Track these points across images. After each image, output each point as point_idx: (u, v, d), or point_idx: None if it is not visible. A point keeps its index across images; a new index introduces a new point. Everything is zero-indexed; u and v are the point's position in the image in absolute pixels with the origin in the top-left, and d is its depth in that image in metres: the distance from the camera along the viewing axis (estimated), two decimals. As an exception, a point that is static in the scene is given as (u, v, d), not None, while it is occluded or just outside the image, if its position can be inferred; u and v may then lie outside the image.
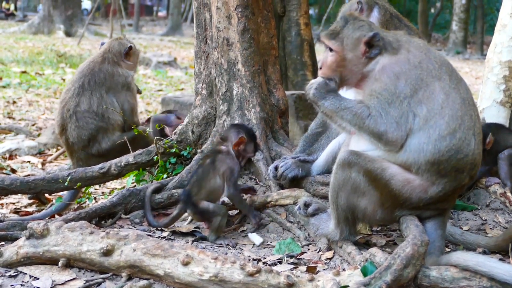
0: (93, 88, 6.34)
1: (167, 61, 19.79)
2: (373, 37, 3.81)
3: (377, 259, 3.66)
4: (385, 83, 3.70)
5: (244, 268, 3.50)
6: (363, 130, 3.72)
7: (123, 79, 6.50)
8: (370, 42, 3.82)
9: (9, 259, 3.92)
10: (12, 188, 5.22)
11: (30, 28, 30.44)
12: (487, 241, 4.13)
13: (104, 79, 6.40)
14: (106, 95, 6.34)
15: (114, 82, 6.43)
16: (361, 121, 3.70)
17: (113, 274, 3.77)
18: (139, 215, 4.89)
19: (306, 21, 8.96)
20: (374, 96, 3.70)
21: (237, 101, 5.24)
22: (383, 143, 3.70)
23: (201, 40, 5.51)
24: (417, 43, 3.91)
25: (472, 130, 3.73)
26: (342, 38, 3.88)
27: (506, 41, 5.43)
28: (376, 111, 3.67)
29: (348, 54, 3.86)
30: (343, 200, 3.86)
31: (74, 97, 6.33)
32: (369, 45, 3.82)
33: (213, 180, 4.54)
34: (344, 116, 3.75)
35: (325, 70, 3.93)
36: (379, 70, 3.77)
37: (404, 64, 3.75)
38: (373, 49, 3.82)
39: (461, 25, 34.08)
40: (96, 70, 6.43)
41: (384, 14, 5.01)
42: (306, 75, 8.93)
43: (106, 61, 6.52)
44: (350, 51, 3.85)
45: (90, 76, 6.40)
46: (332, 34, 3.92)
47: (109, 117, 6.32)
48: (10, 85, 14.23)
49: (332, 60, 3.90)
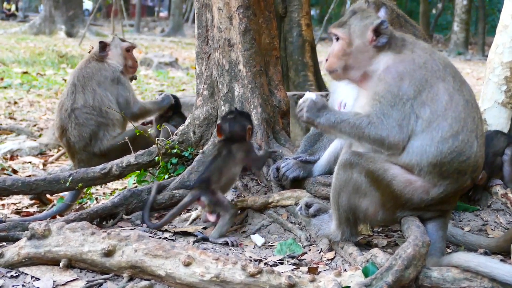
0: (83, 83, 6.40)
1: (168, 61, 19.79)
2: (380, 24, 3.80)
3: (378, 260, 3.66)
4: (389, 84, 3.69)
5: (245, 268, 3.50)
6: (364, 139, 3.71)
7: (110, 73, 6.52)
8: (378, 29, 3.80)
9: (10, 259, 3.92)
10: (13, 188, 5.22)
11: (32, 28, 30.45)
12: (488, 242, 4.13)
13: (92, 73, 6.46)
14: (99, 88, 6.38)
15: (102, 76, 6.48)
16: (360, 131, 3.69)
17: (115, 274, 3.77)
18: (140, 216, 4.89)
19: (308, 22, 8.98)
20: (377, 101, 3.69)
21: (239, 101, 5.24)
22: (386, 148, 3.70)
23: (202, 41, 5.51)
24: (422, 44, 3.91)
25: (475, 133, 3.72)
26: (349, 25, 3.87)
27: (508, 42, 5.43)
28: (377, 117, 3.66)
29: (355, 41, 3.84)
30: (345, 200, 3.86)
31: (69, 96, 6.39)
32: (377, 33, 3.81)
33: (233, 168, 4.65)
34: (342, 129, 3.74)
35: (331, 59, 3.91)
36: (384, 70, 3.75)
37: (409, 64, 3.74)
38: (380, 37, 3.81)
39: (463, 26, 34.08)
40: (83, 67, 6.54)
41: (390, 14, 5.00)
42: (308, 76, 8.95)
43: (92, 59, 6.60)
44: (357, 38, 3.84)
45: (78, 73, 6.49)
46: (340, 23, 3.92)
47: (107, 111, 6.34)
48: (11, 85, 14.25)
49: (338, 48, 3.88)
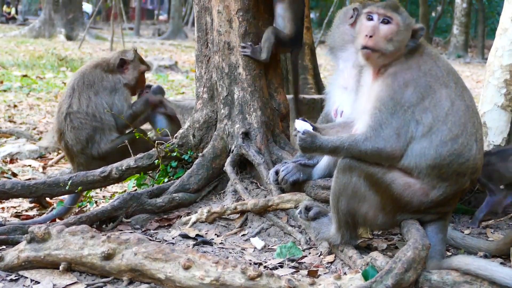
0: (81, 89, 6.37)
1: (168, 64, 19.81)
2: (420, 29, 3.86)
3: (378, 263, 3.66)
4: (394, 90, 3.71)
5: (245, 272, 3.50)
6: (361, 155, 3.74)
7: (112, 85, 6.49)
8: (417, 31, 3.85)
9: (10, 263, 3.92)
10: (13, 192, 5.21)
11: (31, 31, 30.49)
12: (488, 245, 4.12)
13: (93, 82, 6.43)
14: (95, 97, 6.36)
15: (102, 86, 6.44)
16: (357, 149, 3.72)
17: (114, 278, 3.77)
18: (140, 219, 4.89)
19: (307, 25, 8.99)
20: (377, 109, 3.71)
21: (238, 105, 5.24)
22: (384, 159, 3.72)
23: (202, 44, 5.51)
24: (429, 49, 3.93)
25: (474, 136, 3.74)
26: (402, 14, 3.88)
27: (507, 45, 5.44)
28: (373, 130, 3.69)
29: (402, 32, 3.83)
30: (344, 204, 3.86)
31: (66, 99, 6.39)
32: (413, 35, 3.85)
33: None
34: (340, 152, 3.80)
35: (379, 39, 3.83)
36: (391, 75, 3.77)
37: (415, 71, 3.77)
38: (412, 40, 3.84)
39: (462, 29, 34.11)
40: (86, 73, 6.49)
41: None
42: (307, 79, 8.96)
43: (99, 67, 6.55)
44: (405, 30, 3.85)
45: (79, 77, 6.46)
46: (393, 7, 3.88)
47: (101, 117, 6.33)
48: (11, 88, 14.25)
49: (389, 30, 3.82)
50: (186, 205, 5.10)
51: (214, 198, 5.20)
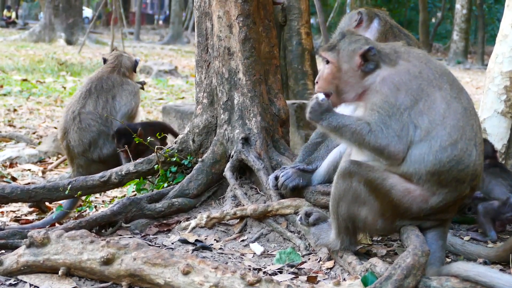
0: (99, 92, 6.51)
1: (168, 69, 19.81)
2: (368, 50, 3.82)
3: (377, 269, 3.66)
4: (386, 95, 3.70)
5: (244, 277, 3.50)
6: (364, 146, 3.72)
7: (132, 88, 6.69)
8: (365, 55, 3.83)
9: (9, 267, 3.92)
10: (12, 196, 5.21)
11: (31, 36, 30.52)
12: (487, 251, 4.12)
13: (112, 86, 6.58)
14: (112, 100, 6.48)
15: (122, 89, 6.60)
16: (361, 138, 3.69)
17: (114, 283, 3.77)
18: (139, 224, 4.89)
19: (307, 31, 8.98)
20: (375, 111, 3.70)
21: (238, 110, 5.24)
22: (385, 158, 3.70)
23: (202, 49, 5.52)
24: (416, 53, 3.92)
25: (474, 141, 3.72)
26: (338, 49, 3.91)
27: (507, 51, 5.45)
28: (377, 126, 3.66)
29: (343, 65, 3.88)
30: (344, 210, 3.86)
31: (81, 100, 6.48)
32: (365, 59, 3.84)
33: None
34: (344, 134, 3.75)
35: (321, 83, 3.96)
36: (380, 82, 3.77)
37: (404, 74, 3.75)
38: (368, 63, 3.83)
39: (462, 35, 34.12)
40: (104, 78, 6.63)
41: (384, 25, 5.03)
42: (307, 85, 8.94)
43: (116, 72, 6.72)
44: (345, 62, 3.87)
45: (97, 82, 6.58)
46: (329, 47, 3.97)
47: (112, 122, 6.38)
48: (11, 93, 14.25)
49: (328, 72, 3.92)
50: (186, 210, 5.10)
51: (214, 203, 5.20)
